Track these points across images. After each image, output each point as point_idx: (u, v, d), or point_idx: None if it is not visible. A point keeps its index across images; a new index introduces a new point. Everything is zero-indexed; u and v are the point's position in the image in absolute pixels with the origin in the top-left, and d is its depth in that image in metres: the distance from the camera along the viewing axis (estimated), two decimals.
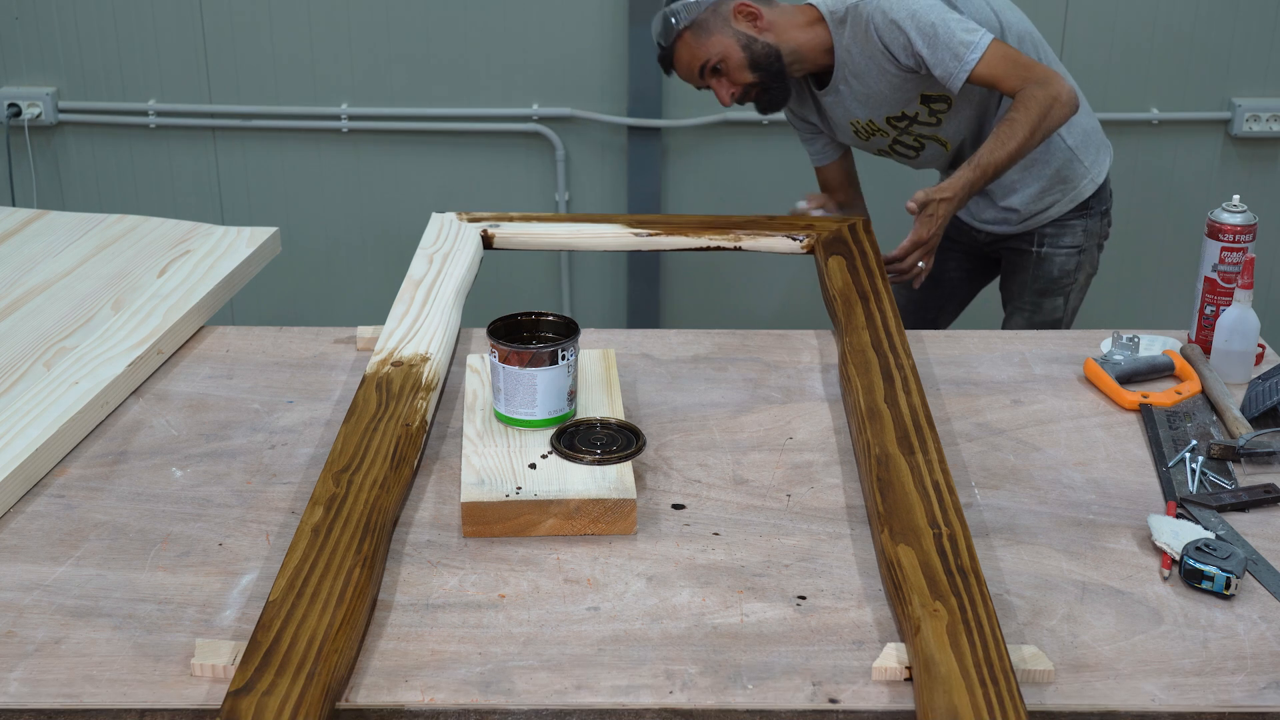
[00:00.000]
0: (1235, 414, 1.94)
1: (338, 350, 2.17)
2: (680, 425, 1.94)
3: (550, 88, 3.82)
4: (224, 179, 3.91)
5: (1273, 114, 3.74)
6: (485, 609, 1.53)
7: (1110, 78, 3.74)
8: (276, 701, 1.29)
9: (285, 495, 1.76)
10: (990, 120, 2.65)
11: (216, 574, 1.59)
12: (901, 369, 1.96)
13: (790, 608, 1.53)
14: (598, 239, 2.51)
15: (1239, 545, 1.65)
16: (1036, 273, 2.78)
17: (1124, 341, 2.12)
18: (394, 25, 3.75)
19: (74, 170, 3.92)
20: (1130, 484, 1.81)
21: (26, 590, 1.55)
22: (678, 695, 1.39)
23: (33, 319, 2.16)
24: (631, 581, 1.58)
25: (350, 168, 3.89)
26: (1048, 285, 2.78)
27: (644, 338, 2.25)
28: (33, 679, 1.41)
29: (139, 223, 2.56)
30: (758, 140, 3.82)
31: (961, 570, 1.50)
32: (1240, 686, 1.41)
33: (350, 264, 3.98)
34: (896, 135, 2.69)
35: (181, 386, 2.06)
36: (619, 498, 1.66)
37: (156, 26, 3.76)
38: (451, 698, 1.39)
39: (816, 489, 1.78)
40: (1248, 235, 2.11)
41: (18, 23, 3.78)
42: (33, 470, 1.76)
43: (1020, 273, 2.81)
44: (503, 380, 1.82)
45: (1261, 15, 3.70)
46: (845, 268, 2.31)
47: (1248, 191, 3.73)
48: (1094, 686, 1.41)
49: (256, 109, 3.83)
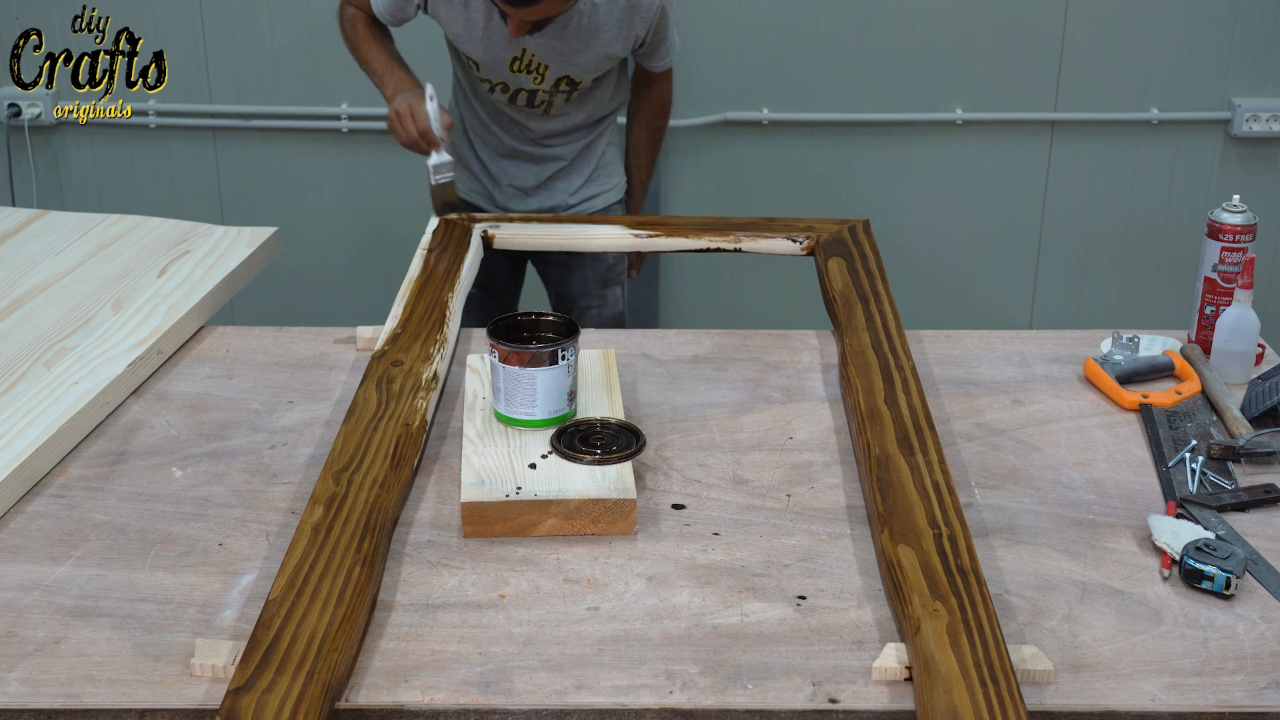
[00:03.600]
0: (1235, 414, 1.94)
1: (338, 350, 2.17)
2: (680, 425, 1.94)
3: None
4: (224, 179, 3.91)
5: (1273, 114, 3.74)
6: (485, 609, 1.53)
7: (1110, 78, 3.74)
8: (276, 700, 1.29)
9: (285, 495, 1.76)
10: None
11: (216, 574, 1.59)
12: (901, 370, 1.96)
13: (790, 608, 1.53)
14: (597, 240, 2.51)
15: (1239, 545, 1.65)
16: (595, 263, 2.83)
17: (1124, 341, 2.12)
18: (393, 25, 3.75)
19: (74, 170, 3.92)
20: (1130, 484, 1.81)
21: (26, 590, 1.55)
22: (678, 695, 1.39)
23: (33, 319, 2.16)
24: (631, 581, 1.58)
25: (350, 168, 3.89)
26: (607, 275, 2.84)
27: (644, 338, 2.25)
28: (33, 679, 1.41)
29: (139, 223, 2.56)
30: (758, 140, 3.82)
31: (961, 570, 1.50)
32: (1240, 686, 1.41)
33: (350, 264, 3.98)
34: (549, 92, 2.65)
35: (181, 386, 2.06)
36: (619, 498, 1.66)
37: (156, 26, 3.75)
38: (451, 698, 1.39)
39: (816, 489, 1.78)
40: (1248, 235, 2.11)
41: (18, 23, 3.78)
42: (33, 470, 1.76)
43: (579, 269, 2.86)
44: (503, 380, 1.82)
45: (1261, 15, 3.70)
46: (845, 269, 2.31)
47: (1248, 191, 3.74)
48: (1094, 686, 1.41)
49: (256, 109, 3.83)
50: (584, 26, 2.52)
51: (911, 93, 3.74)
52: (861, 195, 3.80)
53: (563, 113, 2.69)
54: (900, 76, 3.71)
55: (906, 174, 3.82)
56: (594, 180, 2.80)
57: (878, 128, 3.78)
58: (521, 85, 2.64)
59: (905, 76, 3.72)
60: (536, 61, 2.57)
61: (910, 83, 3.73)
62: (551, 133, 2.73)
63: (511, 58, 2.59)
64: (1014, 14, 3.67)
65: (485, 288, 2.82)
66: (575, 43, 2.54)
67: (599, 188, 2.80)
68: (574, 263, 2.83)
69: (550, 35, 2.53)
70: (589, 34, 2.53)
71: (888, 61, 3.71)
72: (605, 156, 2.81)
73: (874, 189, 3.82)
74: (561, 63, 2.57)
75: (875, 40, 3.70)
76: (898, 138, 3.78)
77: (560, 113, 2.69)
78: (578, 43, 2.54)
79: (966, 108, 3.76)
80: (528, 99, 2.66)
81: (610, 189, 2.82)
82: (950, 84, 3.74)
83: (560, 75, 2.60)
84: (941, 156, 3.81)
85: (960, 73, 3.73)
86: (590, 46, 2.55)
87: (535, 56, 2.56)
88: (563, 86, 2.62)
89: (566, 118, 2.70)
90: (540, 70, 2.59)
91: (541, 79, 2.61)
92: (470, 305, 2.87)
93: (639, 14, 2.51)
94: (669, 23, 2.58)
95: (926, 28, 3.69)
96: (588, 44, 2.54)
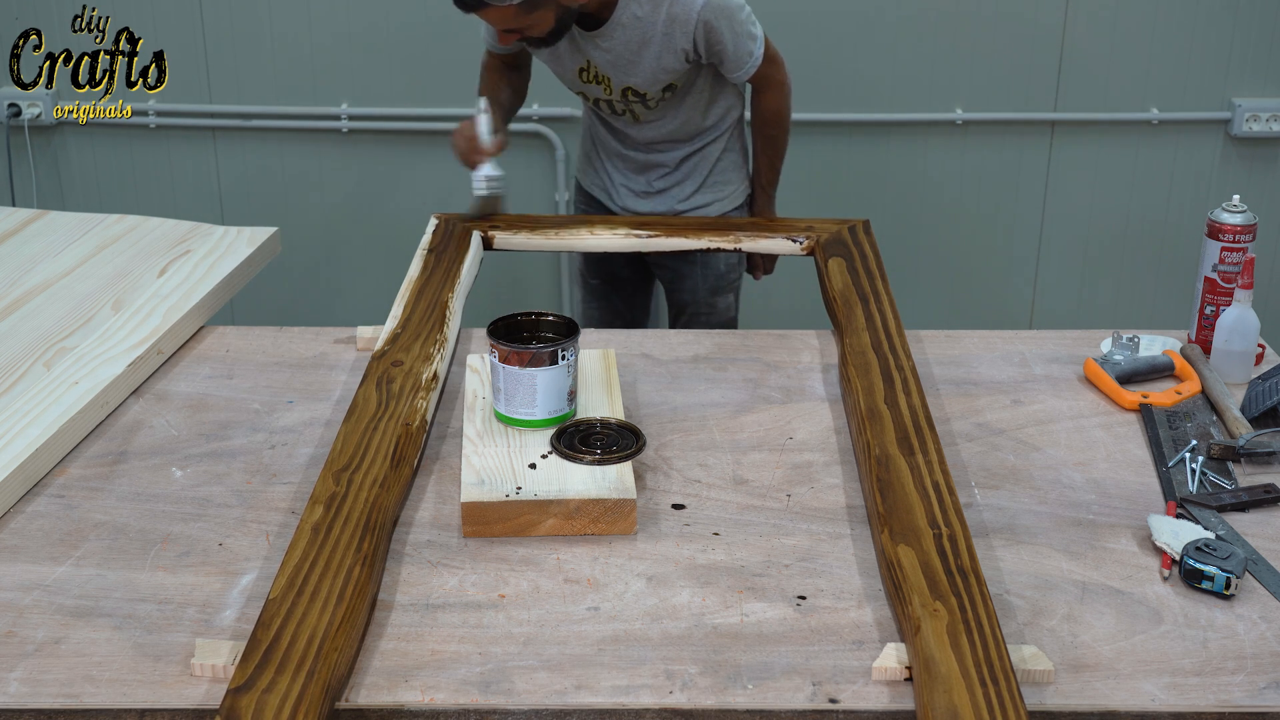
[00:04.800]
0: (1235, 414, 1.94)
1: (338, 350, 2.17)
2: (680, 425, 1.94)
3: (550, 88, 3.80)
4: (224, 179, 3.91)
5: (1273, 114, 3.74)
6: (485, 609, 1.53)
7: (1110, 78, 3.74)
8: (276, 699, 1.29)
9: (285, 495, 1.76)
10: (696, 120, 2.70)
11: (216, 574, 1.59)
12: (901, 370, 1.96)
13: (790, 608, 1.53)
14: (598, 240, 2.51)
15: (1239, 545, 1.65)
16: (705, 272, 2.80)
17: (1124, 341, 2.12)
18: (394, 25, 3.75)
19: (74, 170, 3.92)
20: (1130, 484, 1.81)
21: (26, 590, 1.55)
22: (678, 695, 1.39)
23: (33, 319, 2.16)
24: (631, 581, 1.58)
25: (350, 168, 3.89)
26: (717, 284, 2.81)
27: (644, 338, 2.25)
28: (33, 679, 1.41)
29: (139, 223, 2.56)
30: None
31: (961, 570, 1.50)
32: (1240, 686, 1.41)
33: (350, 264, 3.98)
34: (622, 102, 2.66)
35: (181, 386, 2.06)
36: (619, 498, 1.66)
37: (156, 26, 3.75)
38: (451, 698, 1.39)
39: (816, 489, 1.78)
40: (1248, 235, 2.11)
41: (18, 23, 3.78)
42: (33, 470, 1.76)
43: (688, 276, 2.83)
44: (503, 380, 1.82)
45: (1261, 15, 3.70)
46: (845, 269, 2.31)
47: (1248, 191, 3.74)
48: (1094, 686, 1.41)
49: (256, 109, 3.83)
50: (631, 39, 2.52)
51: (911, 93, 3.74)
52: (861, 195, 3.80)
53: (651, 120, 2.68)
54: (900, 76, 3.71)
55: (906, 174, 3.82)
56: (706, 188, 2.76)
57: (878, 128, 3.77)
58: (597, 95, 2.65)
59: (905, 76, 3.71)
60: (600, 73, 2.59)
61: (910, 83, 3.73)
62: (649, 140, 2.72)
63: (578, 69, 2.61)
64: (1014, 14, 3.67)
65: (607, 280, 2.88)
66: (626, 54, 2.54)
67: (712, 195, 2.77)
68: (685, 269, 2.80)
69: (602, 48, 2.54)
70: (637, 46, 2.52)
71: (888, 61, 3.71)
72: (721, 164, 2.77)
73: (874, 189, 3.82)
74: (620, 74, 2.58)
75: (875, 40, 3.70)
76: (898, 138, 3.78)
77: (649, 120, 2.68)
78: (628, 54, 2.54)
79: (966, 108, 3.75)
80: (609, 107, 2.68)
81: (726, 196, 2.78)
82: (950, 84, 3.74)
83: (624, 86, 2.59)
84: (941, 156, 3.81)
85: (960, 73, 3.73)
86: (641, 58, 2.53)
87: (597, 69, 2.58)
88: (631, 97, 2.62)
89: (658, 125, 2.69)
90: (605, 81, 2.60)
91: (609, 90, 2.62)
92: (594, 295, 2.92)
93: (678, 27, 2.49)
94: (722, 36, 2.52)
95: (926, 28, 3.69)
96: (637, 56, 2.53)
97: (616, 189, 2.80)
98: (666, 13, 2.48)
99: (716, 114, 2.72)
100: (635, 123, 2.69)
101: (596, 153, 2.83)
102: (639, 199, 2.78)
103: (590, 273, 2.91)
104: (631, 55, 2.53)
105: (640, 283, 2.95)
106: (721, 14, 2.50)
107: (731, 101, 2.73)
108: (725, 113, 2.73)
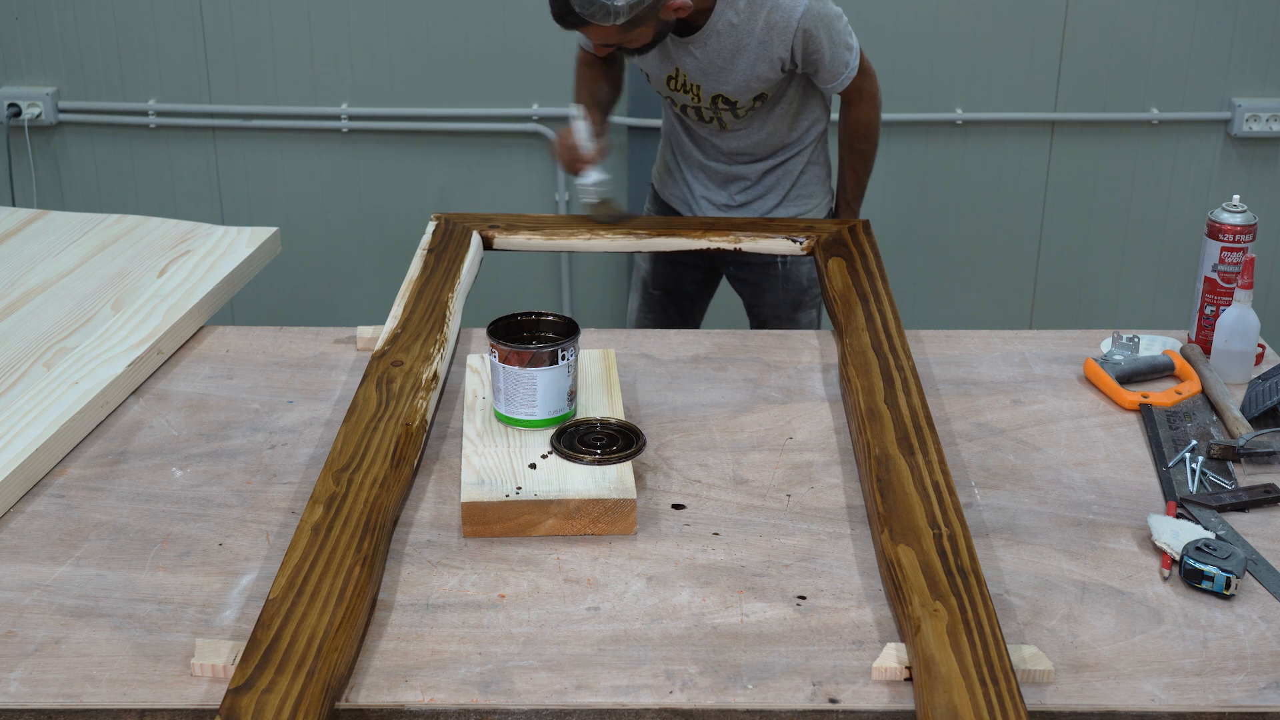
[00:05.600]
0: (1235, 414, 1.94)
1: (338, 350, 2.17)
2: (680, 425, 1.94)
3: (550, 88, 3.81)
4: (224, 179, 3.91)
5: (1273, 114, 3.74)
6: (485, 609, 1.53)
7: (1110, 78, 3.74)
8: (276, 699, 1.29)
9: (285, 495, 1.76)
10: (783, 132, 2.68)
11: (216, 574, 1.59)
12: (901, 370, 1.96)
13: (790, 608, 1.53)
14: (599, 240, 2.51)
15: (1239, 545, 1.65)
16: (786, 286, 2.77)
17: (1124, 341, 2.12)
18: (394, 25, 3.75)
19: (74, 170, 3.92)
20: (1130, 484, 1.81)
21: (26, 590, 1.55)
22: (678, 695, 1.39)
23: (33, 319, 2.16)
24: (631, 581, 1.58)
25: (350, 168, 3.89)
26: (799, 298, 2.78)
27: (644, 338, 2.25)
28: (33, 679, 1.41)
29: (139, 223, 2.56)
30: None
31: (961, 570, 1.50)
32: (1240, 686, 1.41)
33: (350, 264, 3.98)
34: (710, 110, 2.65)
35: (181, 386, 2.06)
36: (619, 498, 1.66)
37: (156, 26, 3.75)
38: (451, 698, 1.39)
39: (816, 489, 1.78)
40: (1248, 235, 2.11)
41: (18, 23, 3.78)
42: (33, 470, 1.76)
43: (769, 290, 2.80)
44: (503, 380, 1.82)
45: (1261, 15, 3.70)
46: (845, 269, 2.31)
47: (1248, 191, 3.74)
48: (1094, 686, 1.41)
49: (256, 109, 3.83)
50: (725, 47, 2.50)
51: (911, 93, 3.74)
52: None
53: (739, 129, 2.65)
54: (900, 76, 3.71)
55: (906, 174, 3.82)
56: (789, 202, 2.73)
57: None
58: (685, 102, 2.64)
59: (905, 76, 3.71)
60: (690, 81, 2.58)
61: (910, 83, 3.73)
62: (733, 151, 2.69)
63: (667, 76, 2.60)
64: (1014, 14, 3.67)
65: (669, 292, 2.83)
66: (719, 62, 2.52)
67: (795, 209, 2.73)
68: (766, 283, 2.76)
69: (694, 55, 2.53)
70: (731, 54, 2.51)
71: (888, 61, 3.70)
72: (805, 177, 2.73)
73: (874, 189, 3.81)
74: (711, 82, 2.56)
75: (875, 40, 3.69)
76: (898, 138, 3.78)
77: (736, 129, 2.65)
78: (721, 62, 2.52)
79: (966, 108, 3.76)
80: (696, 115, 2.66)
81: (809, 210, 2.74)
82: (950, 84, 3.74)
83: (714, 94, 2.57)
84: (941, 156, 3.81)
85: (960, 73, 3.73)
86: (734, 66, 2.52)
87: (686, 77, 2.57)
88: (721, 105, 2.60)
89: (745, 134, 2.66)
90: (694, 90, 2.59)
91: (698, 98, 2.60)
92: (651, 306, 2.87)
93: (777, 35, 2.47)
94: (820, 45, 2.49)
95: (926, 28, 3.69)
96: (731, 63, 2.52)
97: (697, 200, 2.77)
98: (765, 20, 2.46)
99: (803, 126, 2.68)
100: (722, 130, 2.66)
101: (677, 162, 2.78)
102: (719, 211, 2.75)
103: (654, 283, 2.86)
104: (724, 62, 2.52)
105: (700, 299, 2.92)
106: (821, 22, 2.47)
107: (818, 114, 2.70)
108: (811, 125, 2.70)
